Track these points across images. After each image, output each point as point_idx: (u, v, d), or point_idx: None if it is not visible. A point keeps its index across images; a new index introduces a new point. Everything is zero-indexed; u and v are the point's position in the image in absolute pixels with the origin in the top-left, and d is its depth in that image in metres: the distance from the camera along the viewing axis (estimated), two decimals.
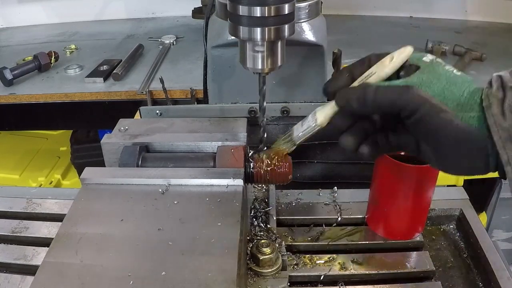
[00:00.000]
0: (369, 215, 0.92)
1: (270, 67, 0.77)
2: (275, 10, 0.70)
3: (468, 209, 0.95)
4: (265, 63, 0.77)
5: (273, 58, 0.77)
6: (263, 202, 0.92)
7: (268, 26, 0.71)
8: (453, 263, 0.88)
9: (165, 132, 0.89)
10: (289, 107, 1.10)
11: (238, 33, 0.74)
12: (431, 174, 0.82)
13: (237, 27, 0.73)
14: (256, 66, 0.77)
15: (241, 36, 0.74)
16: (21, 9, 2.50)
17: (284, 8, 0.71)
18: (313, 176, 1.19)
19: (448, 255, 0.89)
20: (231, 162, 0.78)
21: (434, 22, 2.44)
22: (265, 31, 0.72)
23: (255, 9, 0.70)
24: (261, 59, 0.76)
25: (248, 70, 0.79)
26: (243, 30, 0.73)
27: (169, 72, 1.84)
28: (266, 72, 0.79)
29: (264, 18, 0.71)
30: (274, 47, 0.76)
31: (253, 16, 0.70)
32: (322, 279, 0.81)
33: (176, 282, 0.58)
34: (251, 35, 0.73)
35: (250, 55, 0.76)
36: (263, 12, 0.70)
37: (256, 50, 0.75)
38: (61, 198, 0.99)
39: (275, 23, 0.72)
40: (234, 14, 0.72)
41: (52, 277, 0.59)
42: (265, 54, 0.76)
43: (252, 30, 0.72)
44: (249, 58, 0.77)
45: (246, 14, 0.71)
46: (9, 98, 1.69)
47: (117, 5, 2.54)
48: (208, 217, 0.68)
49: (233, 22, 0.74)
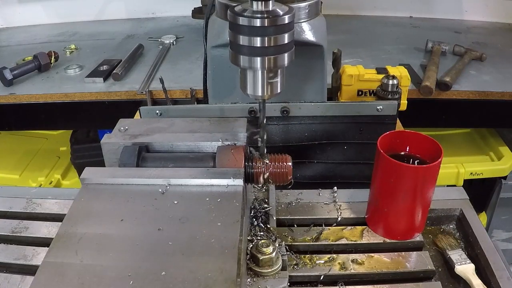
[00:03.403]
0: (369, 215, 0.92)
1: (270, 94, 0.79)
2: (275, 41, 0.71)
3: (468, 209, 0.95)
4: (265, 90, 0.78)
5: (273, 85, 0.78)
6: (263, 202, 0.92)
7: (268, 55, 0.73)
8: None
9: (165, 132, 0.89)
10: (289, 107, 1.10)
11: (238, 61, 0.75)
12: (431, 174, 0.82)
13: (238, 56, 0.74)
14: (257, 93, 0.78)
15: (241, 64, 0.75)
16: (21, 9, 2.50)
17: (284, 38, 0.72)
18: (313, 176, 1.19)
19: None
20: (231, 162, 0.78)
21: (434, 22, 2.45)
22: (265, 60, 0.73)
23: (256, 40, 0.71)
24: (261, 86, 0.78)
25: (249, 96, 0.80)
26: (243, 59, 0.74)
27: (169, 72, 1.84)
28: (266, 98, 0.80)
29: (264, 48, 0.72)
30: (274, 75, 0.77)
31: (254, 46, 0.72)
32: (322, 279, 0.81)
33: (176, 282, 0.58)
34: (251, 64, 0.74)
35: (251, 82, 0.78)
36: (263, 42, 0.71)
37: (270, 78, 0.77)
38: (61, 198, 0.99)
39: (275, 52, 0.73)
40: (234, 43, 0.73)
41: (52, 277, 0.59)
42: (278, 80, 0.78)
43: (253, 60, 0.73)
44: (249, 85, 0.78)
45: (247, 44, 0.72)
46: (9, 98, 1.69)
47: (117, 5, 2.55)
48: (208, 217, 0.68)
49: (233, 51, 0.75)
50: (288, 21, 0.71)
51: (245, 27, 0.71)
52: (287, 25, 0.72)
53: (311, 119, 1.12)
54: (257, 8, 0.71)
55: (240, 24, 0.71)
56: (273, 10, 0.71)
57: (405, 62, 1.87)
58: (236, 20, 0.71)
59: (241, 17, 0.70)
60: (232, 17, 0.72)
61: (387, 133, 0.86)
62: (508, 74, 1.80)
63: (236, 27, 0.72)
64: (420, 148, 0.87)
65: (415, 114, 1.45)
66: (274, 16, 0.70)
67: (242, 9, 0.72)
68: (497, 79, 1.77)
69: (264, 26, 0.70)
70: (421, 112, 1.68)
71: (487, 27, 2.38)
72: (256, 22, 0.70)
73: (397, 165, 0.80)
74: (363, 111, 1.11)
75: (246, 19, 0.70)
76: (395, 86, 1.21)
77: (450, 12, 2.48)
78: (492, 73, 1.82)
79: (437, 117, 1.75)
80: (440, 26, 2.39)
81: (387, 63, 1.45)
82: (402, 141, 0.88)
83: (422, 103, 1.66)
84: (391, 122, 1.12)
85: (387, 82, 1.21)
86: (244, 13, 0.71)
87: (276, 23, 0.70)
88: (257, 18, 0.70)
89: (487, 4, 2.45)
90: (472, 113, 1.74)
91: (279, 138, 1.15)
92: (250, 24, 0.70)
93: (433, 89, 1.62)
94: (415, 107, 1.44)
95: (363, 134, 1.14)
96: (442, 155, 0.80)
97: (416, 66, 1.85)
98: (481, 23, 2.44)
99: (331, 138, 1.14)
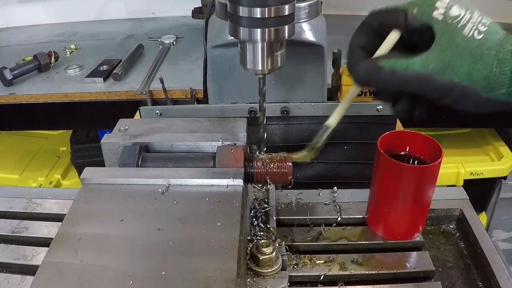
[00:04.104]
0: (369, 215, 0.92)
1: (270, 67, 0.78)
2: (275, 11, 0.70)
3: (468, 209, 0.95)
4: (265, 64, 0.77)
5: (273, 58, 0.77)
6: (263, 202, 0.92)
7: (268, 27, 0.71)
8: (453, 263, 0.88)
9: (165, 132, 0.89)
10: (289, 107, 1.10)
11: (238, 34, 0.74)
12: (431, 174, 0.82)
13: (237, 28, 0.73)
14: (256, 67, 0.77)
15: (241, 37, 0.74)
16: (21, 9, 2.50)
17: (285, 9, 0.71)
18: (313, 176, 1.19)
19: (448, 255, 0.89)
20: (231, 162, 0.78)
21: None
22: (265, 32, 0.72)
23: (255, 10, 0.70)
24: (261, 59, 0.76)
25: (248, 71, 0.79)
26: (243, 31, 0.73)
27: (169, 72, 1.84)
28: (266, 72, 0.79)
29: (264, 19, 0.71)
30: (274, 48, 0.76)
31: (253, 17, 0.71)
32: (322, 279, 0.81)
33: (176, 282, 0.58)
34: (251, 36, 0.73)
35: (250, 56, 0.76)
36: (263, 13, 0.70)
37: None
38: (61, 198, 0.99)
39: (275, 24, 0.72)
40: (234, 15, 0.73)
41: (52, 277, 0.59)
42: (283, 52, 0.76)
43: (252, 31, 0.72)
44: (249, 59, 0.77)
45: (246, 15, 0.71)
46: (9, 98, 1.69)
47: (117, 5, 2.54)
48: (208, 217, 0.68)
49: (233, 23, 0.74)
50: None
51: None
52: None
53: (311, 119, 1.12)
54: None
55: None
56: None
57: None
58: None
59: None
60: None
61: (387, 133, 0.86)
62: None
63: None
64: (420, 148, 0.87)
65: None
66: None
67: None
68: None
69: None
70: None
71: None
72: None
73: (397, 165, 0.80)
74: (363, 111, 1.11)
75: None
76: None
77: None
78: None
79: (437, 117, 1.75)
80: None
81: None
82: (402, 141, 0.88)
83: None
84: (391, 122, 1.12)
85: None
86: None
87: None
88: None
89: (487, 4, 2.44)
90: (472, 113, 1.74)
91: (279, 138, 1.15)
92: None
93: None
94: None
95: (363, 134, 1.14)
96: (442, 155, 0.80)
97: None
98: None
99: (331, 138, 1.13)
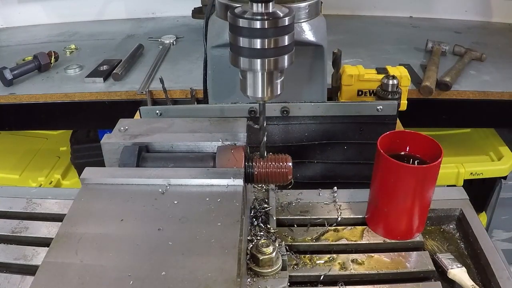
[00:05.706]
0: (369, 215, 0.92)
1: (270, 95, 0.79)
2: (275, 42, 0.71)
3: (468, 209, 0.95)
4: (265, 92, 0.78)
5: (273, 87, 0.78)
6: (263, 202, 0.92)
7: (268, 57, 0.72)
8: None
9: (165, 132, 0.89)
10: (289, 107, 1.10)
11: (238, 63, 0.75)
12: (431, 174, 0.82)
13: (238, 57, 0.74)
14: (256, 94, 0.78)
15: (241, 66, 0.75)
16: (21, 9, 2.50)
17: (284, 39, 0.72)
18: (313, 176, 1.19)
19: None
20: (231, 162, 0.78)
21: (434, 22, 2.45)
22: (265, 62, 0.73)
23: (255, 41, 0.71)
24: (261, 88, 0.78)
25: (249, 98, 0.80)
26: (243, 61, 0.74)
27: (169, 72, 1.84)
28: (266, 100, 0.80)
29: (264, 50, 0.72)
30: (274, 76, 0.77)
31: (253, 48, 0.72)
32: (322, 279, 0.81)
33: (176, 282, 0.58)
34: (252, 66, 0.74)
35: (251, 84, 0.77)
36: (263, 44, 0.71)
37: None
38: (61, 198, 0.99)
39: (275, 54, 0.73)
40: (234, 45, 0.73)
41: (52, 277, 0.59)
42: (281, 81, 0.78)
43: (252, 61, 0.73)
44: (249, 87, 0.78)
45: (247, 46, 0.72)
46: (9, 98, 1.69)
47: (117, 5, 2.55)
48: (208, 217, 0.68)
49: (233, 53, 0.75)
50: (288, 23, 0.71)
51: (245, 29, 0.71)
52: (287, 27, 0.72)
53: (311, 119, 1.12)
54: (257, 10, 0.71)
55: (240, 26, 0.71)
56: (273, 12, 0.71)
57: (405, 62, 1.86)
58: (236, 22, 0.71)
59: (241, 19, 0.70)
60: (232, 19, 0.72)
61: (387, 133, 0.86)
62: (508, 74, 1.80)
63: (236, 29, 0.72)
64: (420, 148, 0.87)
65: (415, 114, 1.45)
66: (274, 18, 0.70)
67: (242, 11, 0.72)
68: (497, 79, 1.77)
69: (264, 28, 0.70)
70: (421, 112, 1.68)
71: (487, 27, 2.38)
72: (256, 24, 0.70)
73: (397, 165, 0.80)
74: (363, 111, 1.11)
75: (246, 21, 0.70)
76: (395, 86, 1.21)
77: (450, 12, 2.48)
78: (492, 73, 1.82)
79: (437, 117, 1.75)
80: (440, 26, 2.39)
81: (387, 63, 1.45)
82: (402, 141, 0.88)
83: (422, 103, 1.66)
84: (391, 122, 1.12)
85: (387, 82, 1.21)
86: (244, 15, 0.71)
87: (276, 25, 0.70)
88: (257, 20, 0.70)
89: (487, 4, 2.45)
90: (472, 113, 1.74)
91: (279, 138, 1.15)
92: (250, 26, 0.70)
93: (433, 89, 1.62)
94: (415, 107, 1.44)
95: (363, 134, 1.14)
96: (442, 155, 0.80)
97: (416, 66, 1.85)
98: (481, 23, 2.44)
99: (331, 138, 1.14)
